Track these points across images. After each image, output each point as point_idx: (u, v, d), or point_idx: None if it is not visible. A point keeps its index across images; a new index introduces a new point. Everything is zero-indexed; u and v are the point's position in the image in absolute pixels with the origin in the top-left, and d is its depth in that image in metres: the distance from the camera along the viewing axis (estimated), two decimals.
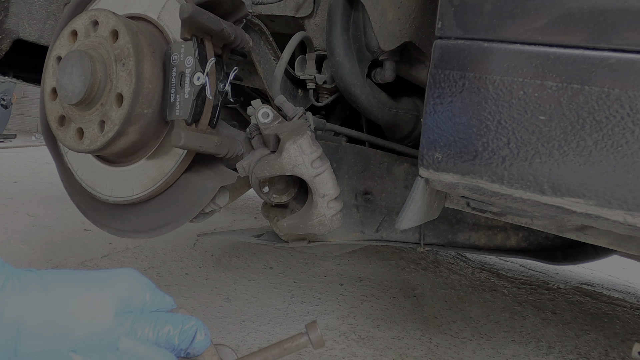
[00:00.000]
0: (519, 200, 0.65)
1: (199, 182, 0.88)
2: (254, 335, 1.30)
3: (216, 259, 1.97)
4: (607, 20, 0.55)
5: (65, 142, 0.87)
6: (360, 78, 1.00)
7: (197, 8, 0.77)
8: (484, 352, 1.34)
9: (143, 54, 0.81)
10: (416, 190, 0.73)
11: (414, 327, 1.46)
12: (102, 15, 0.84)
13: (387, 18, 0.95)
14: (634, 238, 0.82)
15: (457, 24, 0.64)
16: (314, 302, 1.59)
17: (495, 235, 1.30)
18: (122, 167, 0.92)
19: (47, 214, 2.44)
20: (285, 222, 0.87)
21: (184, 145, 0.77)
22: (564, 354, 1.38)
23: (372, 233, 1.15)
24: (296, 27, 1.12)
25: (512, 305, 1.74)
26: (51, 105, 0.89)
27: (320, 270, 1.96)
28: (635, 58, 0.54)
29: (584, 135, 0.57)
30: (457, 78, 0.64)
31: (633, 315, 1.80)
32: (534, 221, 0.93)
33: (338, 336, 1.35)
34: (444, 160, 0.67)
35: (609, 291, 2.10)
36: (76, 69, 0.81)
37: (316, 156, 0.82)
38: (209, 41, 0.84)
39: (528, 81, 0.60)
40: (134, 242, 2.05)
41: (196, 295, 1.56)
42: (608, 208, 0.58)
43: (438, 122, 0.67)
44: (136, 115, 0.82)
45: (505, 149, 0.63)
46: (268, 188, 0.93)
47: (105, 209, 0.98)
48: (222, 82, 0.87)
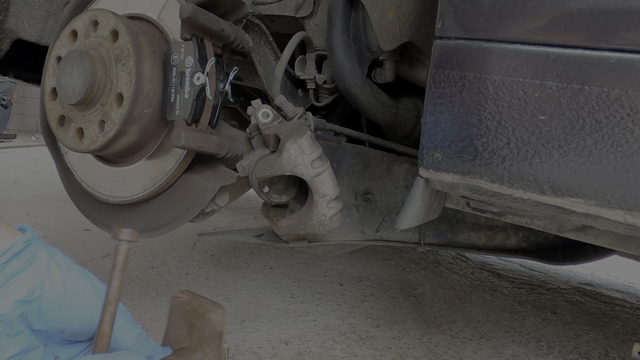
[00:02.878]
0: (519, 200, 0.65)
1: (199, 182, 0.88)
2: (254, 335, 1.30)
3: (216, 259, 1.97)
4: (607, 20, 0.55)
5: (65, 142, 0.87)
6: (360, 78, 1.00)
7: (197, 8, 0.77)
8: (484, 352, 1.34)
9: (143, 54, 0.81)
10: (416, 190, 0.73)
11: (414, 327, 1.46)
12: (102, 15, 0.84)
13: (387, 18, 0.95)
14: (634, 238, 0.82)
15: (457, 24, 0.64)
16: (314, 302, 1.59)
17: (495, 235, 1.30)
18: (122, 167, 0.92)
19: (47, 214, 2.44)
20: (285, 222, 0.87)
21: (184, 145, 0.77)
22: (564, 354, 1.38)
23: (372, 233, 1.15)
24: (296, 27, 1.12)
25: (512, 305, 1.74)
26: (51, 105, 0.89)
27: (320, 270, 1.96)
28: (635, 58, 0.54)
29: (584, 135, 0.57)
30: (457, 78, 0.64)
31: (633, 315, 1.80)
32: (534, 221, 0.93)
33: (338, 336, 1.35)
34: (444, 160, 0.67)
35: (609, 291, 2.10)
36: (76, 69, 0.81)
37: (316, 156, 0.82)
38: (209, 41, 0.84)
39: (528, 81, 0.60)
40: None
41: None
42: (608, 208, 0.58)
43: (438, 122, 0.67)
44: (136, 115, 0.82)
45: (505, 149, 0.63)
46: (268, 188, 0.93)
47: (105, 209, 0.98)
48: (222, 82, 0.87)
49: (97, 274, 1.64)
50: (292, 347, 1.25)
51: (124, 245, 0.57)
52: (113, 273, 0.56)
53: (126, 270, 0.57)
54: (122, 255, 0.57)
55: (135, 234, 0.58)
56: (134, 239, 0.58)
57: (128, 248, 0.57)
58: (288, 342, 1.28)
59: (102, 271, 1.69)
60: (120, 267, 0.56)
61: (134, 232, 0.57)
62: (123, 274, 0.56)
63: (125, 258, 0.57)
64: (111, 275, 0.56)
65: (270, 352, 1.22)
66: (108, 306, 0.54)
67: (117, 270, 0.56)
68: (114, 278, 0.56)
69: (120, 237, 0.57)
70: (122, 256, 0.57)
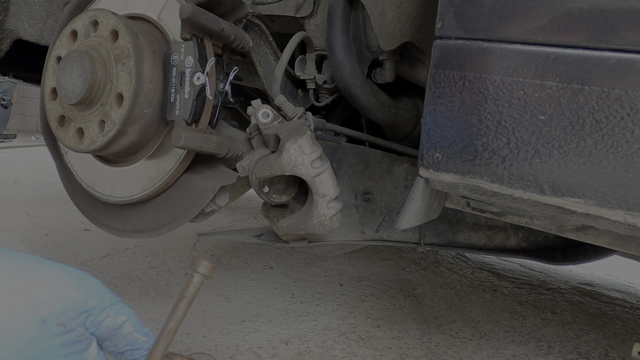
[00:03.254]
0: (519, 200, 0.65)
1: (199, 182, 0.88)
2: (254, 335, 1.30)
3: (216, 259, 1.97)
4: (607, 20, 0.55)
5: (65, 142, 0.87)
6: (360, 78, 1.00)
7: (197, 8, 0.77)
8: (484, 352, 1.34)
9: (143, 54, 0.81)
10: (416, 190, 0.73)
11: (414, 327, 1.46)
12: (102, 15, 0.84)
13: (387, 18, 0.95)
14: (634, 238, 0.82)
15: (457, 24, 0.64)
16: (314, 302, 1.59)
17: (495, 235, 1.30)
18: (122, 167, 0.92)
19: (47, 214, 2.44)
20: (285, 222, 0.87)
21: (183, 145, 0.77)
22: (564, 354, 1.38)
23: (372, 233, 1.15)
24: (296, 27, 1.12)
25: (512, 305, 1.74)
26: (51, 105, 0.89)
27: (320, 270, 1.96)
28: (635, 58, 0.54)
29: (584, 135, 0.57)
30: (457, 78, 0.64)
31: (633, 315, 1.80)
32: (534, 221, 0.93)
33: (338, 336, 1.35)
34: (444, 160, 0.67)
35: (609, 291, 2.10)
36: (76, 69, 0.81)
37: (316, 156, 0.82)
38: (209, 41, 0.84)
39: (528, 81, 0.60)
40: (134, 242, 2.05)
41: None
42: (608, 208, 0.58)
43: (438, 122, 0.67)
44: (136, 115, 0.82)
45: (505, 149, 0.63)
46: (268, 188, 0.93)
47: (105, 209, 0.98)
48: (222, 82, 0.87)
49: (96, 274, 1.65)
50: (292, 347, 1.25)
51: (199, 279, 0.55)
52: (179, 304, 0.54)
53: (192, 303, 0.55)
54: (194, 287, 0.55)
55: (213, 270, 0.56)
56: (210, 275, 0.56)
57: (202, 282, 0.56)
58: (288, 342, 1.28)
59: (102, 271, 1.69)
60: (189, 300, 0.55)
61: (212, 268, 0.56)
62: (188, 307, 0.55)
63: (196, 291, 0.55)
64: (176, 306, 0.54)
65: (270, 352, 1.22)
66: (166, 337, 0.52)
67: (184, 303, 0.54)
68: (179, 309, 0.54)
69: (198, 269, 0.55)
70: (194, 289, 0.55)
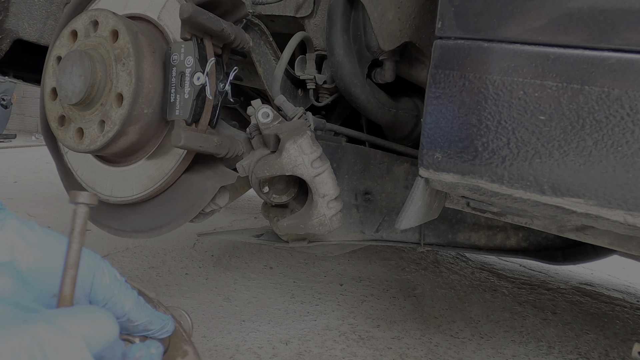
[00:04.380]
0: (519, 200, 0.65)
1: (199, 182, 0.88)
2: (254, 335, 1.30)
3: (216, 259, 1.97)
4: (607, 20, 0.55)
5: (65, 142, 0.87)
6: (360, 78, 1.00)
7: (197, 8, 0.77)
8: (484, 352, 1.34)
9: (143, 54, 0.81)
10: (416, 190, 0.73)
11: (414, 327, 1.46)
12: (102, 15, 0.84)
13: (387, 18, 0.95)
14: (634, 238, 0.82)
15: (457, 24, 0.64)
16: (314, 302, 1.59)
17: (495, 235, 1.31)
18: (122, 167, 0.92)
19: (47, 214, 2.44)
20: (285, 222, 0.87)
21: (183, 145, 0.77)
22: (564, 354, 1.38)
23: (372, 233, 1.15)
24: (296, 27, 1.12)
25: (512, 305, 1.74)
26: (51, 105, 0.89)
27: (320, 270, 1.96)
28: (635, 58, 0.54)
29: (584, 135, 0.57)
30: (457, 78, 0.64)
31: (633, 315, 1.80)
32: (534, 221, 0.93)
33: (338, 336, 1.35)
34: (444, 160, 0.67)
35: (609, 291, 2.10)
36: (76, 68, 0.81)
37: (316, 156, 0.82)
38: (209, 41, 0.84)
39: (528, 81, 0.60)
40: (134, 242, 2.05)
41: (196, 295, 1.56)
42: (608, 208, 0.58)
43: (438, 122, 0.67)
44: (136, 115, 0.82)
45: (505, 149, 0.63)
46: (268, 188, 0.93)
47: (105, 209, 0.98)
48: (222, 82, 0.87)
49: None
50: (292, 347, 1.25)
51: (82, 209, 0.56)
52: (72, 237, 0.55)
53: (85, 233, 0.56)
54: (80, 218, 0.56)
55: (94, 197, 0.57)
56: (93, 202, 0.57)
57: (86, 211, 0.57)
58: (288, 342, 1.28)
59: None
60: (80, 231, 0.56)
61: (92, 195, 0.57)
62: (82, 238, 0.56)
63: (84, 221, 0.56)
64: (70, 239, 0.55)
65: (270, 352, 1.22)
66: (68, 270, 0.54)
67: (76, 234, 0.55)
68: (74, 242, 0.55)
69: (79, 200, 0.56)
70: (81, 219, 0.56)
